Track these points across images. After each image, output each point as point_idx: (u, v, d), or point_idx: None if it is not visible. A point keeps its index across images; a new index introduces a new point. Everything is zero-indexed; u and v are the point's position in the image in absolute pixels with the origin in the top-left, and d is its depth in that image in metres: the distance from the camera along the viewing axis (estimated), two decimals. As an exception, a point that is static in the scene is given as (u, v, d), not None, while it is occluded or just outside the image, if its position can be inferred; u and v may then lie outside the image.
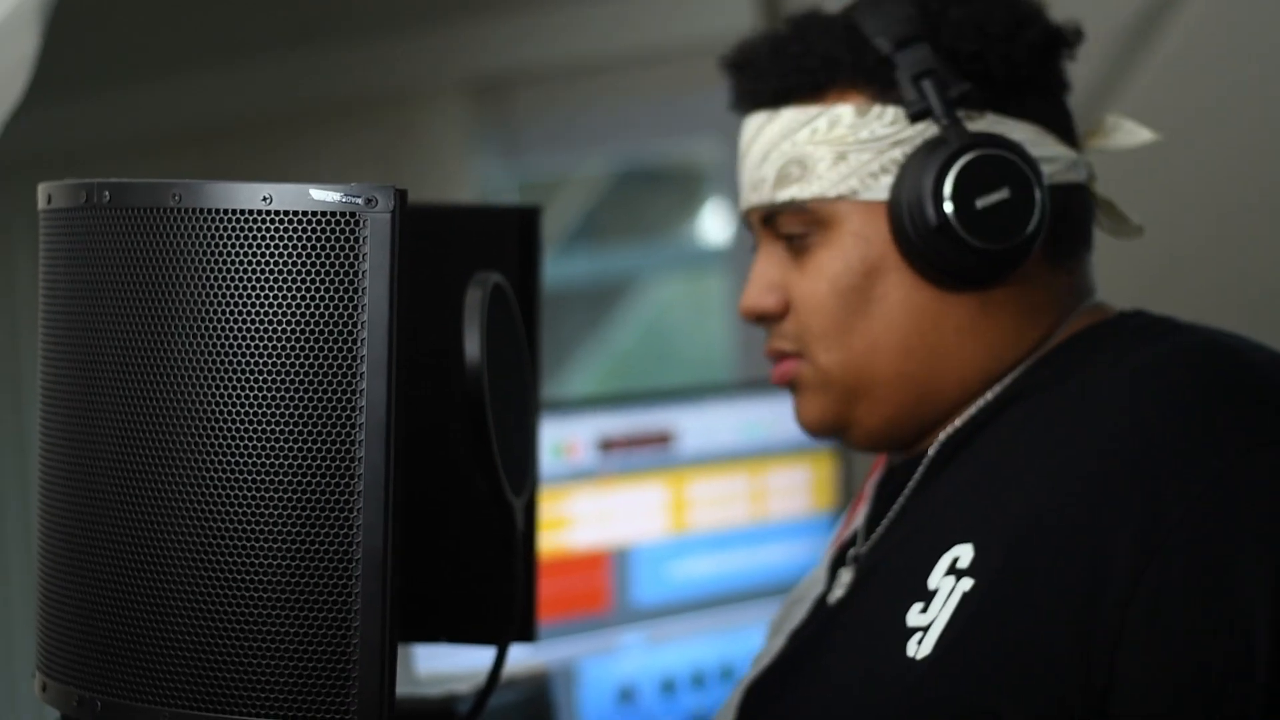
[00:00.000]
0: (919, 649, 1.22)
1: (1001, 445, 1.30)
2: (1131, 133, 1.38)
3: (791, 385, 1.39)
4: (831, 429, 1.39)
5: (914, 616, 1.24)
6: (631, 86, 3.48)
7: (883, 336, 1.33)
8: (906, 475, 1.37)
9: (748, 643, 2.57)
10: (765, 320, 1.39)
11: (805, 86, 1.35)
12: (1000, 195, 1.28)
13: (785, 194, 1.34)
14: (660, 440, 2.48)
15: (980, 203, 1.28)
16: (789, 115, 1.35)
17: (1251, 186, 2.44)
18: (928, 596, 1.24)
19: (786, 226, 1.36)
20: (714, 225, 3.81)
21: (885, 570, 1.33)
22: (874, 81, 1.32)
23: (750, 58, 1.39)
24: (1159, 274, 2.16)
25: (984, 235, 1.28)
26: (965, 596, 1.21)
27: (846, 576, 1.37)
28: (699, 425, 2.52)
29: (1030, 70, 1.33)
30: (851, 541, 1.41)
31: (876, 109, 1.32)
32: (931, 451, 1.34)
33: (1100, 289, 1.39)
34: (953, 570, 1.23)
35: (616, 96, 3.52)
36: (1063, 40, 1.36)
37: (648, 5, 3.38)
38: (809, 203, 1.33)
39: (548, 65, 3.51)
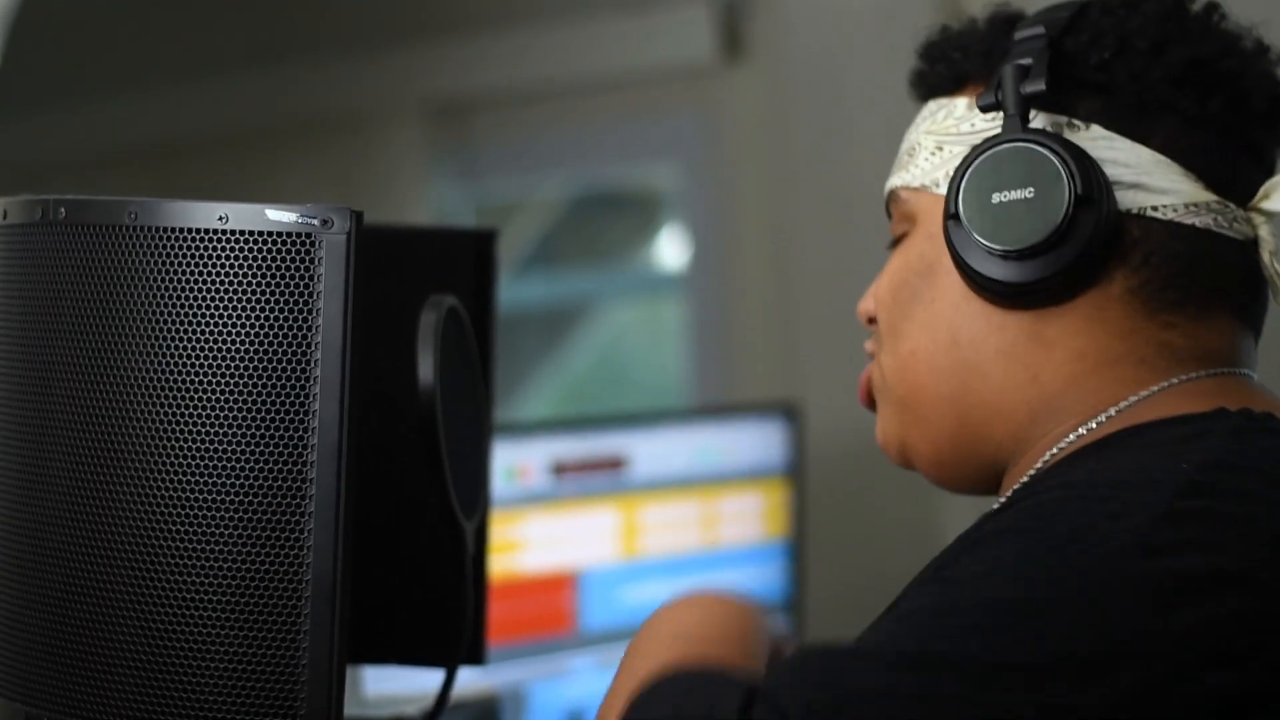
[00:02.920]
0: None
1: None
2: None
3: (869, 398, 1.28)
4: (896, 449, 1.26)
5: None
6: (590, 111, 3.49)
7: (924, 343, 1.20)
8: None
9: (698, 668, 2.57)
10: (870, 324, 1.28)
11: (946, 77, 1.25)
12: (1022, 193, 1.14)
13: (891, 181, 1.26)
14: (613, 465, 2.48)
15: (998, 197, 1.14)
16: (930, 105, 1.26)
17: None
18: None
19: (893, 221, 1.26)
20: (670, 251, 3.82)
21: None
22: (993, 73, 1.21)
23: (925, 44, 1.28)
24: None
25: (991, 232, 1.14)
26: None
27: None
28: (652, 450, 2.52)
29: (1163, 94, 1.16)
30: None
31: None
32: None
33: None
34: None
35: (575, 121, 3.53)
36: (1229, 77, 1.18)
37: (607, 30, 3.39)
38: (900, 191, 1.24)
39: (506, 89, 3.51)
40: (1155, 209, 1.15)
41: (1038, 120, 1.17)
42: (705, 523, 2.59)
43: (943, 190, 1.20)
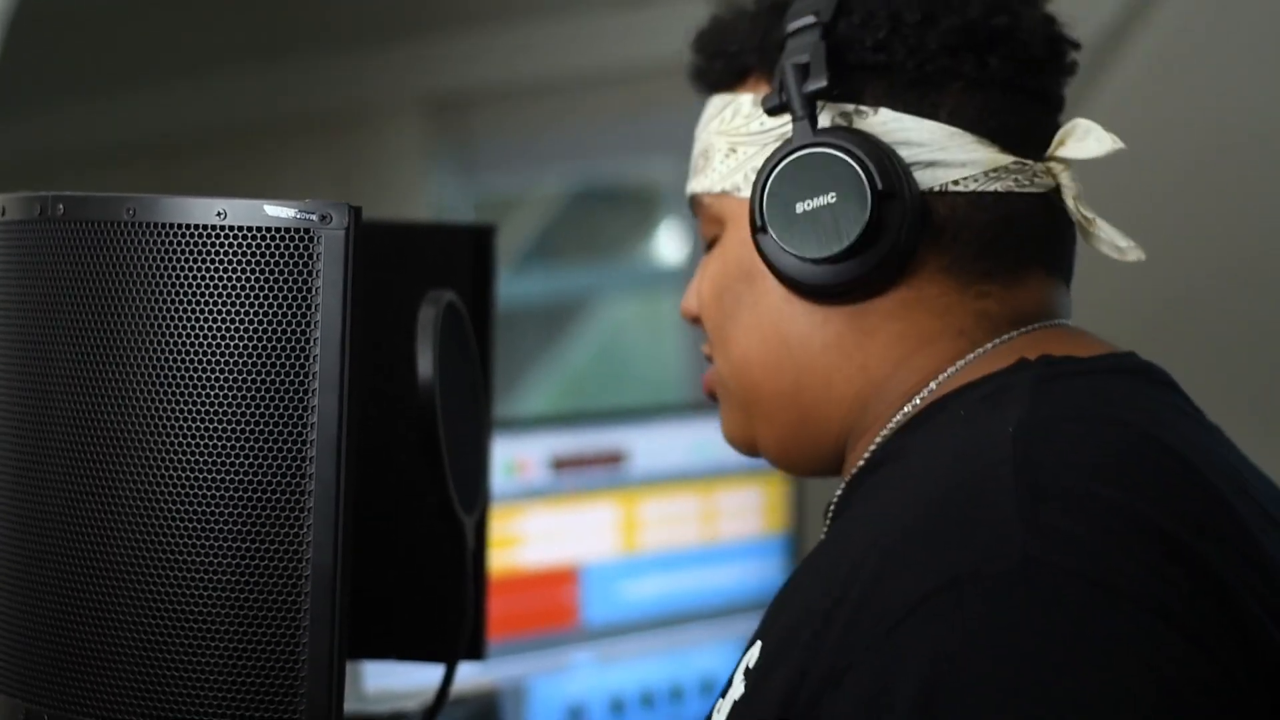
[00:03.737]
0: None
1: (823, 541, 1.16)
2: (1100, 140, 1.18)
3: (712, 394, 1.30)
4: (744, 444, 1.28)
5: (716, 715, 1.12)
6: (589, 106, 3.49)
7: (754, 347, 1.21)
8: None
9: (697, 663, 2.58)
10: (697, 321, 1.29)
11: (726, 72, 1.24)
12: (824, 199, 1.13)
13: (690, 186, 1.26)
14: (612, 460, 2.48)
15: (801, 207, 1.14)
16: (714, 101, 1.25)
17: (1224, 193, 2.46)
18: (727, 692, 1.11)
19: (701, 225, 1.26)
20: (669, 245, 3.82)
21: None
22: (773, 68, 1.20)
23: (700, 36, 1.28)
24: (1139, 289, 2.17)
25: (800, 243, 1.14)
26: (734, 705, 1.08)
27: None
28: (651, 445, 2.52)
29: (944, 64, 1.17)
30: None
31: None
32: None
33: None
34: (745, 671, 1.09)
35: (574, 116, 3.53)
36: (1001, 35, 1.18)
37: (606, 25, 3.39)
38: (701, 196, 1.24)
39: (506, 84, 3.51)
40: (956, 183, 1.15)
41: (825, 114, 1.17)
42: (705, 517, 2.59)
43: (745, 194, 1.19)
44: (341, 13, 3.64)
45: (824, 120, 1.16)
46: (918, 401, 1.16)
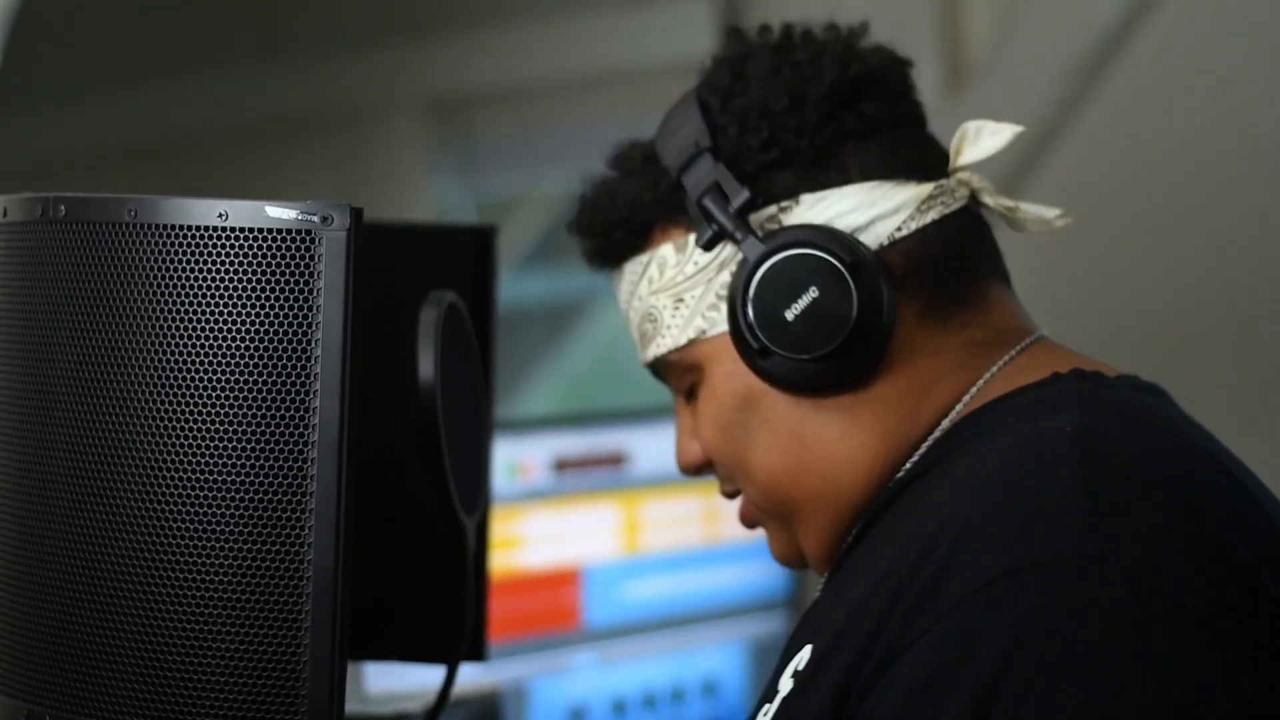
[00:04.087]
0: None
1: (865, 544, 1.20)
2: (995, 132, 1.21)
3: (753, 524, 1.31)
4: (795, 560, 1.28)
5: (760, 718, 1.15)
6: (590, 107, 3.49)
7: (777, 461, 1.22)
8: None
9: (699, 664, 2.58)
10: (703, 470, 1.31)
11: (629, 237, 1.27)
12: (809, 297, 1.16)
13: (649, 353, 1.27)
14: (614, 461, 2.48)
15: (790, 313, 1.16)
16: (629, 270, 1.27)
17: (1209, 201, 2.46)
18: (773, 697, 1.14)
19: (673, 380, 1.28)
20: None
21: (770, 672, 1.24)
22: (678, 212, 1.23)
23: (580, 220, 1.31)
24: (1138, 296, 2.17)
25: (804, 346, 1.16)
26: (784, 702, 1.12)
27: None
28: (653, 446, 2.52)
29: (832, 129, 1.21)
30: None
31: (692, 238, 1.22)
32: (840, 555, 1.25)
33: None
34: (795, 673, 1.13)
35: (575, 116, 3.52)
36: (866, 78, 1.22)
37: (607, 26, 3.38)
38: (670, 356, 1.25)
39: (507, 84, 3.51)
40: (899, 229, 1.19)
41: (754, 225, 1.19)
42: (707, 519, 2.59)
43: (714, 332, 1.22)
44: (342, 13, 3.64)
45: (756, 229, 1.19)
46: (938, 433, 1.20)
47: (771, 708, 1.13)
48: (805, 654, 1.12)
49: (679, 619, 2.56)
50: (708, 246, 1.19)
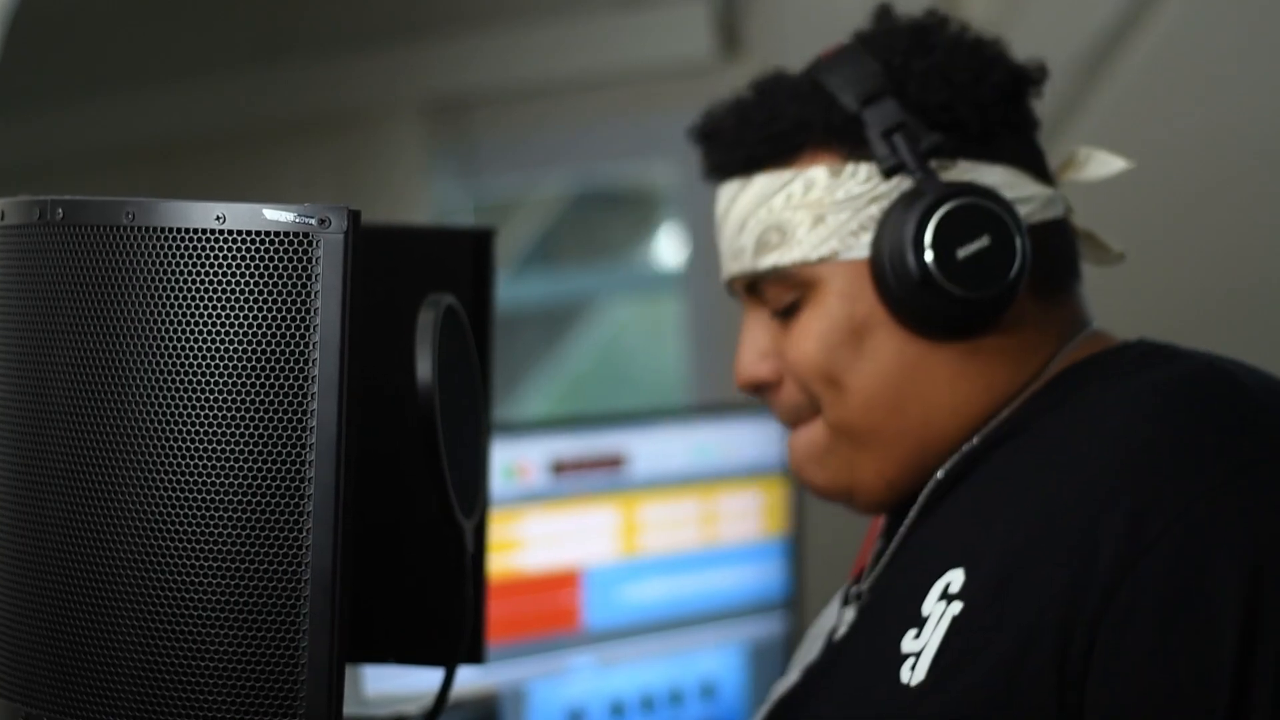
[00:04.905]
0: (912, 675, 1.22)
1: (996, 475, 1.29)
2: (1105, 163, 1.38)
3: (800, 448, 1.40)
4: (842, 491, 1.38)
5: (908, 643, 1.24)
6: (589, 108, 3.49)
7: (877, 393, 1.32)
8: (906, 513, 1.36)
9: (698, 666, 2.58)
10: (761, 390, 1.38)
11: (776, 152, 1.34)
12: (981, 243, 1.28)
13: (767, 261, 1.34)
14: (612, 463, 2.48)
15: (962, 252, 1.28)
16: (762, 182, 1.35)
17: (1217, 203, 2.46)
18: (920, 622, 1.24)
19: (772, 293, 1.35)
20: (670, 248, 3.82)
21: (882, 603, 1.32)
22: (845, 140, 1.32)
23: (718, 126, 1.38)
24: (1138, 295, 2.17)
25: (968, 284, 1.28)
26: (955, 620, 1.21)
27: (849, 614, 1.37)
28: (651, 449, 2.52)
29: (999, 114, 1.33)
30: (859, 578, 1.41)
31: (850, 168, 1.32)
32: (927, 488, 1.33)
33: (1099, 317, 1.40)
34: (945, 595, 1.23)
35: (574, 118, 3.52)
36: (1028, 79, 1.36)
37: (606, 27, 3.39)
38: (791, 268, 1.33)
39: (505, 86, 3.51)
40: (1029, 216, 1.32)
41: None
42: (705, 521, 2.59)
43: (851, 255, 1.32)
44: (340, 14, 3.64)
45: (911, 181, 1.30)
46: (1026, 395, 1.32)
47: (928, 631, 1.23)
48: (957, 576, 1.23)
49: (677, 621, 2.56)
50: (887, 175, 1.30)
